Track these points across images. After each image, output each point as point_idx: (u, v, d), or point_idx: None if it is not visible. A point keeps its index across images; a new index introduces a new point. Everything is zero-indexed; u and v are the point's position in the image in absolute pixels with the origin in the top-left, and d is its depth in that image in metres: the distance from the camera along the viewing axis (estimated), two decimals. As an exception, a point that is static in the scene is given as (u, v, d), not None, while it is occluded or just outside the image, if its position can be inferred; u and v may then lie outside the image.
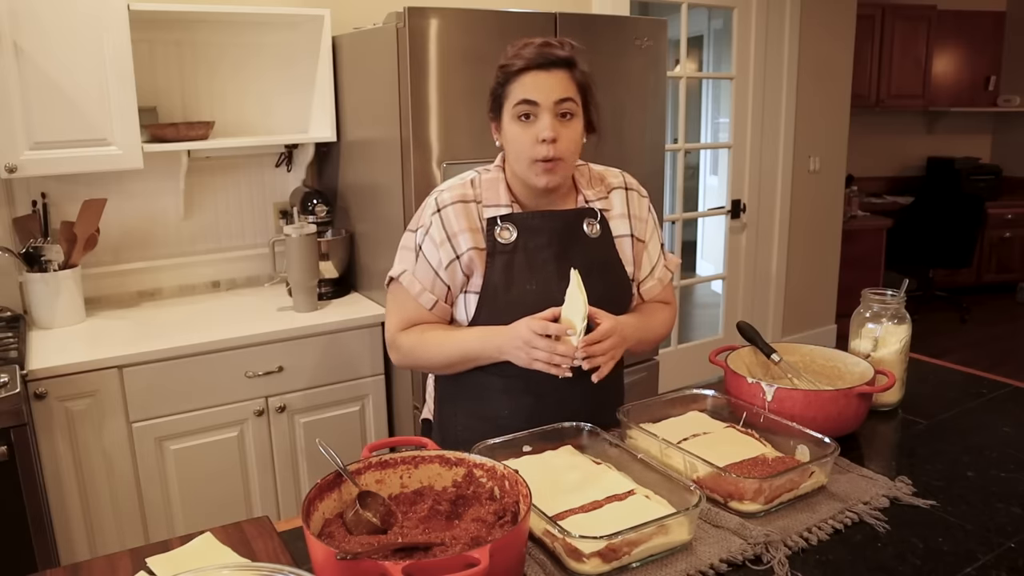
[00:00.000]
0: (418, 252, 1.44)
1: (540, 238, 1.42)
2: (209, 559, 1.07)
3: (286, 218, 2.78)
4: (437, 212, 1.43)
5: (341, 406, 2.44)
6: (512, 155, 1.39)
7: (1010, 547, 1.07)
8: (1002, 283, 6.04)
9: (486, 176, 1.46)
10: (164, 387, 2.15)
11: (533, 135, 1.34)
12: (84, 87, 2.18)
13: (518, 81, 1.34)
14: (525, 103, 1.34)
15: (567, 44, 1.37)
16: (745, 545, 1.07)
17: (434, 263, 1.43)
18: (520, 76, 1.34)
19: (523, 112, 1.35)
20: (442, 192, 1.45)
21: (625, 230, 1.51)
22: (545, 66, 1.33)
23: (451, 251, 1.42)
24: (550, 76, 1.33)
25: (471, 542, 0.97)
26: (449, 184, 1.47)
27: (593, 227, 1.47)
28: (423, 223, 1.44)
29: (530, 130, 1.35)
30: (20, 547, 1.85)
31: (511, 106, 1.36)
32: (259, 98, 2.74)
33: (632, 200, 1.54)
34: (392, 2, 2.32)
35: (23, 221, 2.38)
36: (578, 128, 1.38)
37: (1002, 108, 6.22)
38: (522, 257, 1.42)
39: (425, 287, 1.44)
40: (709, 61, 4.96)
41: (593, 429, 1.32)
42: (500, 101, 1.38)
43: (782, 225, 4.35)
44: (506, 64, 1.37)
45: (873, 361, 1.51)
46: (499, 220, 1.42)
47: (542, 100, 1.33)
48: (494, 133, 1.43)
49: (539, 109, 1.34)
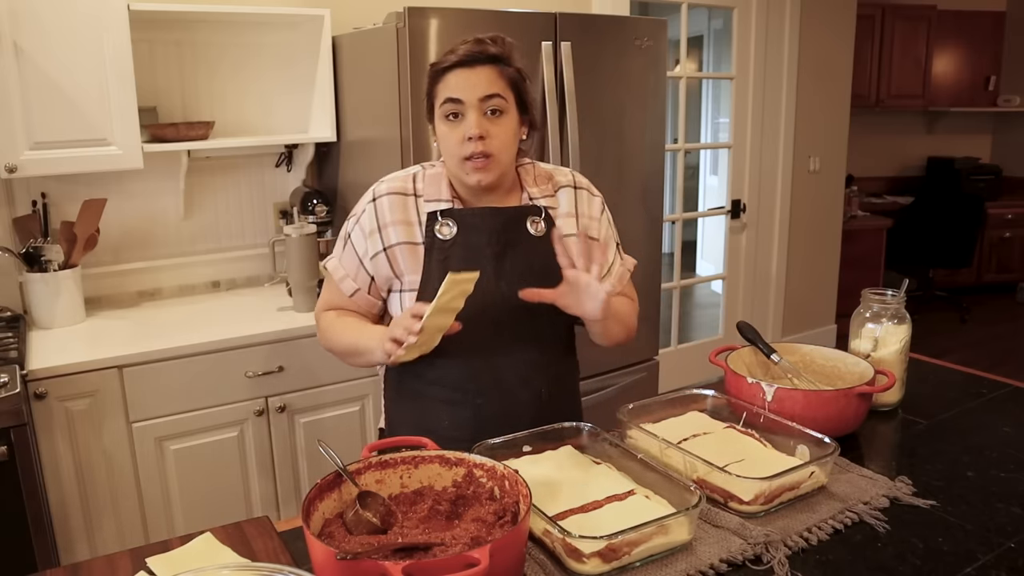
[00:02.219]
0: (347, 240, 1.44)
1: (480, 235, 1.38)
2: (209, 559, 1.07)
3: (286, 218, 2.78)
4: (372, 201, 1.41)
5: (341, 406, 2.44)
6: (445, 155, 1.37)
7: (1010, 547, 1.07)
8: (1002, 283, 6.04)
9: (430, 171, 1.43)
10: (164, 387, 2.15)
11: (461, 133, 1.32)
12: (84, 87, 2.18)
13: (444, 80, 1.32)
14: (451, 102, 1.31)
15: (499, 40, 1.34)
16: (745, 545, 1.07)
17: (360, 251, 1.42)
18: (445, 75, 1.32)
19: (450, 111, 1.32)
20: (381, 183, 1.43)
21: (571, 229, 1.45)
22: (470, 63, 1.31)
23: (379, 242, 1.40)
24: (474, 73, 1.31)
25: (471, 542, 0.97)
26: (391, 176, 1.45)
27: (537, 225, 1.41)
28: (356, 212, 1.44)
29: (458, 129, 1.32)
30: (20, 547, 1.85)
31: (439, 105, 1.33)
32: (259, 98, 2.74)
33: (581, 199, 1.49)
34: (392, 2, 2.33)
35: (23, 221, 2.38)
36: (510, 125, 1.34)
37: (1002, 108, 6.22)
38: (461, 253, 1.37)
39: (348, 274, 1.44)
40: (709, 61, 4.96)
41: (593, 429, 1.32)
42: (431, 102, 1.36)
43: (782, 225, 4.35)
44: (434, 63, 1.35)
45: (873, 361, 1.51)
46: (439, 215, 1.38)
47: (467, 98, 1.30)
48: (432, 135, 1.41)
49: (465, 107, 1.31)
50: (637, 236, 2.75)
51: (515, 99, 1.35)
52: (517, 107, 1.36)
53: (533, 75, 2.34)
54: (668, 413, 1.45)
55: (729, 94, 4.09)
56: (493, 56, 1.32)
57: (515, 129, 1.36)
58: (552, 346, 1.47)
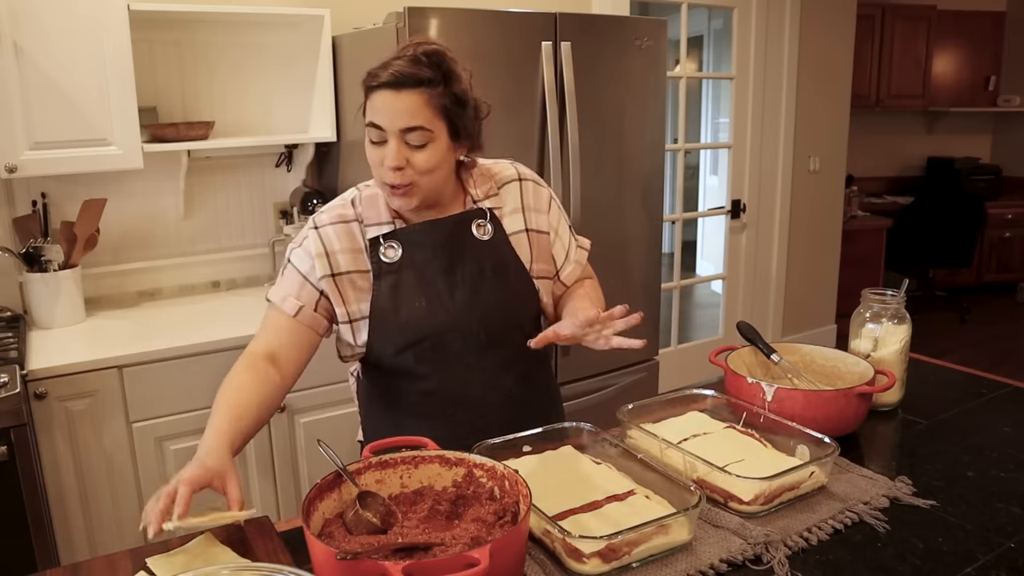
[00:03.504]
0: (287, 264, 1.35)
1: (426, 252, 1.33)
2: (209, 559, 1.07)
3: (286, 218, 2.78)
4: (315, 229, 1.33)
5: (341, 406, 2.44)
6: (373, 173, 1.30)
7: (1010, 547, 1.07)
8: (1002, 283, 6.04)
9: (367, 192, 1.36)
10: (164, 387, 2.15)
11: (381, 158, 1.25)
12: (84, 87, 2.18)
13: (370, 100, 1.24)
14: (372, 126, 1.24)
15: (437, 58, 1.23)
16: (745, 545, 1.07)
17: (304, 270, 1.32)
18: (372, 95, 1.23)
19: (373, 135, 1.25)
20: (320, 214, 1.35)
21: (519, 226, 1.40)
22: (396, 86, 1.20)
23: (327, 266, 1.31)
24: (399, 99, 1.20)
25: (471, 542, 0.97)
26: (329, 205, 1.37)
27: (483, 228, 1.36)
28: (297, 240, 1.35)
29: (379, 152, 1.25)
30: (20, 547, 1.85)
31: (365, 124, 1.25)
32: (259, 98, 2.74)
33: (527, 192, 1.42)
34: (392, 2, 2.32)
35: (23, 221, 2.38)
36: (435, 153, 1.24)
37: (1002, 108, 6.22)
38: (410, 275, 1.32)
39: (289, 293, 1.32)
40: (709, 61, 4.96)
41: (593, 429, 1.32)
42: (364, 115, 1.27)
43: (782, 225, 4.35)
44: (368, 75, 1.24)
45: (873, 361, 1.51)
46: (381, 239, 1.32)
47: (388, 126, 1.22)
48: None
49: (386, 134, 1.23)
50: (637, 236, 2.76)
51: (447, 126, 1.25)
52: (449, 134, 1.26)
53: (533, 75, 2.34)
54: (668, 413, 1.45)
55: (729, 94, 4.09)
56: (424, 80, 1.21)
57: (442, 155, 1.26)
58: (517, 346, 1.34)
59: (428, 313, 1.32)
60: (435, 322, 1.32)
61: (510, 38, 2.29)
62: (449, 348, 1.35)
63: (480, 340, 1.36)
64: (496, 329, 1.37)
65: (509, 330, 1.39)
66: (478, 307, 1.34)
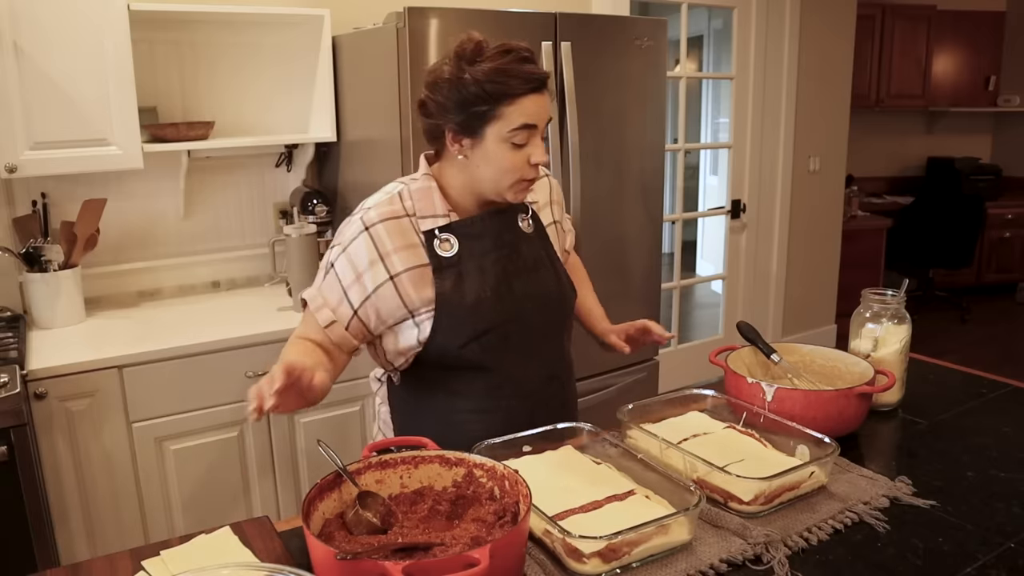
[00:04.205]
0: (329, 269, 1.34)
1: (484, 243, 1.36)
2: (221, 555, 1.07)
3: (286, 218, 2.78)
4: (365, 231, 1.31)
5: (341, 406, 2.44)
6: (492, 174, 1.30)
7: (1010, 547, 1.07)
8: (1002, 283, 6.04)
9: (415, 187, 1.36)
10: (164, 387, 2.15)
11: (525, 157, 1.28)
12: (84, 87, 2.18)
13: (517, 104, 1.25)
14: (527, 128, 1.26)
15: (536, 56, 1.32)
16: (745, 545, 1.07)
17: (346, 283, 1.32)
18: (521, 99, 1.25)
19: (522, 137, 1.27)
20: (368, 210, 1.33)
21: (550, 219, 1.49)
22: (539, 89, 1.27)
23: (383, 272, 1.30)
24: (542, 99, 1.28)
25: (471, 542, 0.97)
26: (374, 201, 1.36)
27: (527, 222, 1.42)
28: (342, 241, 1.33)
29: (522, 152, 1.28)
30: (20, 547, 1.85)
31: (506, 129, 1.26)
32: (259, 98, 2.74)
33: (554, 187, 1.53)
34: (392, 2, 2.33)
35: (23, 221, 2.38)
36: None
37: (1002, 108, 6.22)
38: (472, 266, 1.34)
39: (326, 303, 1.33)
40: (709, 61, 4.96)
41: (593, 429, 1.32)
42: (484, 119, 1.26)
43: (782, 225, 4.35)
44: (499, 81, 1.24)
45: (873, 361, 1.51)
46: (437, 232, 1.33)
47: (540, 124, 1.29)
48: (453, 145, 1.30)
49: (535, 132, 1.29)
50: (637, 236, 2.76)
51: None
52: None
53: (533, 75, 2.35)
54: (668, 413, 1.45)
55: (729, 94, 4.09)
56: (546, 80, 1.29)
57: None
58: (566, 334, 1.51)
59: (495, 303, 1.34)
60: (501, 312, 1.35)
61: (510, 38, 2.29)
62: (511, 338, 1.38)
63: (537, 330, 1.40)
64: (552, 318, 1.44)
65: (561, 319, 1.47)
66: (536, 297, 1.39)
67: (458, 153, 1.31)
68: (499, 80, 1.24)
